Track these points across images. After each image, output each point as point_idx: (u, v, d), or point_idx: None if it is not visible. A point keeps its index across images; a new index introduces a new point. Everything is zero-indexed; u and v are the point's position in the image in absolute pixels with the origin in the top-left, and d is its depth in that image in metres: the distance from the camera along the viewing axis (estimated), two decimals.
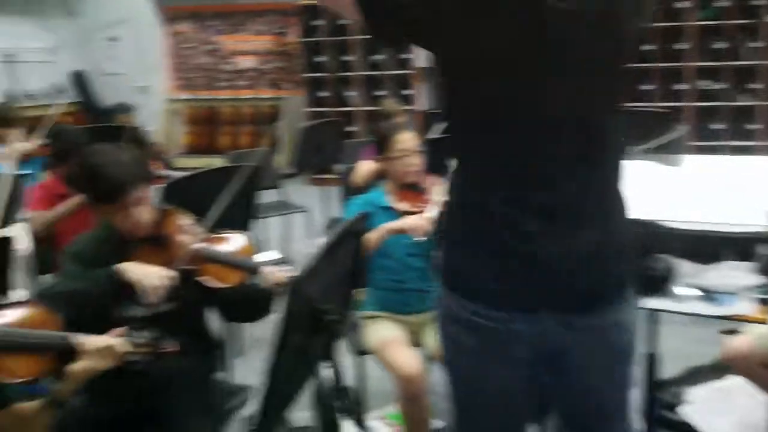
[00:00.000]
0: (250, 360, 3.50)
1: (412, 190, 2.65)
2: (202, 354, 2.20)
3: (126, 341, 1.61)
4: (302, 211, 5.12)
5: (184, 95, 9.06)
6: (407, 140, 2.64)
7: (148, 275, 1.91)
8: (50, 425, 1.63)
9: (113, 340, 1.59)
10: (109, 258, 2.03)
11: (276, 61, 8.69)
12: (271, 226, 4.89)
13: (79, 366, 1.55)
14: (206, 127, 8.96)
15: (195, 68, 9.03)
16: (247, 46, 8.79)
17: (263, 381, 1.24)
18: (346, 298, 1.59)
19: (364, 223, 1.68)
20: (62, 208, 3.20)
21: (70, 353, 1.57)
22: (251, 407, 2.38)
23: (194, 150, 8.83)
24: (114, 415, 2.04)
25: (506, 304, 1.33)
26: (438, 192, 2.56)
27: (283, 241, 5.06)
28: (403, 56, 7.76)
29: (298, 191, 5.79)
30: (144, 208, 2.01)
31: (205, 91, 8.99)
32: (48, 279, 3.41)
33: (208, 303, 2.18)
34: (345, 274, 1.55)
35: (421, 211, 2.53)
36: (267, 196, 4.62)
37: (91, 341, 1.56)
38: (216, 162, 7.44)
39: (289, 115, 8.51)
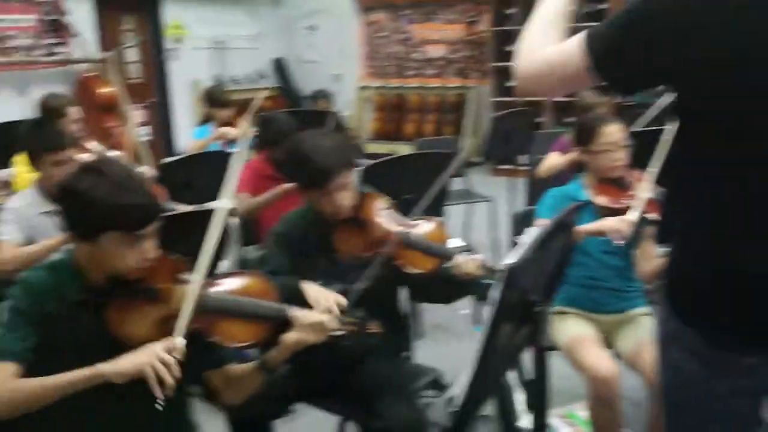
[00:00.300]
0: (429, 344, 3.55)
1: (615, 185, 2.52)
2: (394, 333, 2.25)
3: (335, 319, 1.66)
4: (486, 201, 5.08)
5: (375, 83, 9.32)
6: (614, 133, 2.50)
7: (322, 302, 1.89)
8: (258, 389, 1.73)
9: (324, 316, 1.64)
10: (311, 239, 2.14)
11: (465, 50, 8.69)
12: (453, 213, 4.91)
13: (291, 337, 1.62)
14: (393, 114, 9.16)
15: (386, 56, 9.25)
16: (438, 35, 8.87)
17: (472, 366, 1.23)
18: (550, 292, 1.54)
19: (576, 215, 1.61)
20: (267, 195, 3.38)
21: (284, 324, 1.65)
22: (435, 389, 2.42)
23: (381, 136, 9.08)
24: (314, 386, 2.14)
25: (741, 337, 1.23)
26: (643, 188, 2.42)
27: (465, 230, 5.05)
28: None
29: (481, 181, 5.76)
30: (347, 193, 2.08)
31: (395, 79, 9.19)
32: (250, 250, 3.66)
33: (401, 284, 2.22)
34: (552, 266, 1.51)
35: (622, 208, 2.40)
36: (451, 184, 4.64)
37: (305, 315, 1.63)
38: (401, 149, 7.63)
39: (474, 104, 8.48)
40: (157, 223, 1.57)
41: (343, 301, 1.94)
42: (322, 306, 1.87)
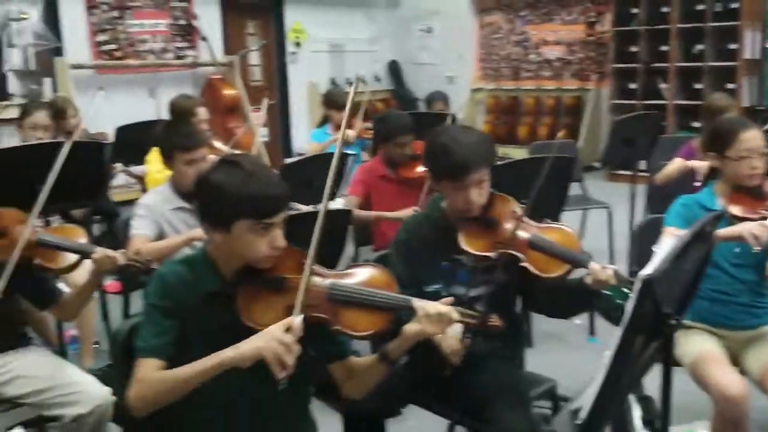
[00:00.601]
0: (540, 353, 3.49)
1: (750, 195, 2.37)
2: (510, 339, 2.22)
3: (456, 311, 1.65)
4: (603, 207, 4.92)
5: (489, 85, 9.24)
6: (754, 139, 2.35)
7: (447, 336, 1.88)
8: (378, 381, 1.74)
9: (445, 308, 1.64)
10: (434, 239, 2.13)
11: (583, 51, 8.47)
12: (569, 220, 4.78)
13: (412, 328, 1.62)
14: (507, 117, 9.05)
15: (501, 58, 9.15)
16: (555, 36, 8.69)
17: (601, 378, 1.20)
18: (684, 305, 1.48)
19: (716, 225, 1.53)
20: (377, 215, 3.44)
21: (407, 315, 1.65)
22: (550, 399, 2.37)
23: (492, 139, 8.98)
24: (429, 387, 2.15)
25: None
26: None
27: (580, 237, 4.92)
28: (729, 47, 7.07)
29: (598, 186, 5.59)
30: (481, 190, 2.05)
31: (509, 81, 9.07)
32: (365, 251, 3.72)
33: (524, 290, 2.19)
34: (687, 279, 1.44)
35: (758, 218, 2.26)
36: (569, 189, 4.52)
37: (427, 306, 1.63)
38: (514, 152, 7.53)
39: (592, 107, 8.25)
40: (285, 214, 1.63)
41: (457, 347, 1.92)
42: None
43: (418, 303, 1.63)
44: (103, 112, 4.88)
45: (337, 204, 4.02)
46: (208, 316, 1.64)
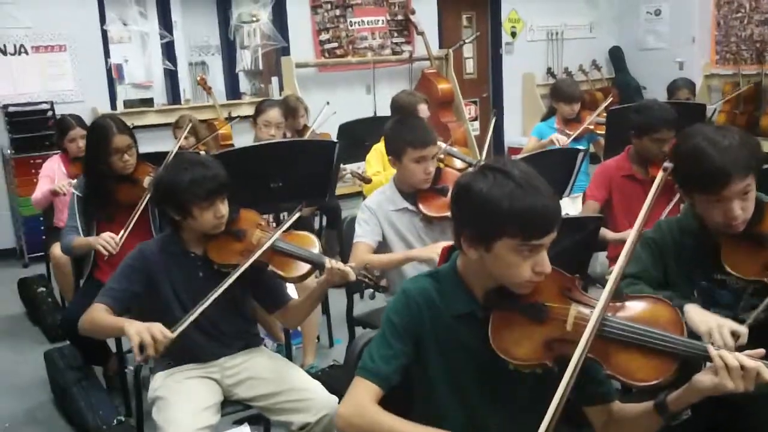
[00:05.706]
0: None
1: None
2: None
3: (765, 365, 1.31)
4: None
5: (725, 70, 8.30)
6: None
7: (716, 335, 1.59)
8: (655, 428, 1.46)
9: (751, 362, 1.31)
10: (690, 252, 1.86)
11: None
12: None
13: (706, 381, 1.33)
14: (747, 105, 8.06)
15: (742, 40, 8.18)
16: None
17: None
18: None
19: None
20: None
21: (695, 363, 1.37)
22: None
23: None
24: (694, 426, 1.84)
25: None
26: None
27: None
28: None
29: None
30: (746, 202, 1.73)
31: (751, 65, 8.08)
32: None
33: None
34: None
35: None
36: None
37: (727, 358, 1.31)
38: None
39: None
40: (555, 234, 1.39)
41: (742, 331, 1.60)
42: (717, 340, 1.56)
43: (717, 352, 1.32)
44: (328, 117, 5.03)
45: (565, 204, 3.72)
46: (452, 337, 1.48)
